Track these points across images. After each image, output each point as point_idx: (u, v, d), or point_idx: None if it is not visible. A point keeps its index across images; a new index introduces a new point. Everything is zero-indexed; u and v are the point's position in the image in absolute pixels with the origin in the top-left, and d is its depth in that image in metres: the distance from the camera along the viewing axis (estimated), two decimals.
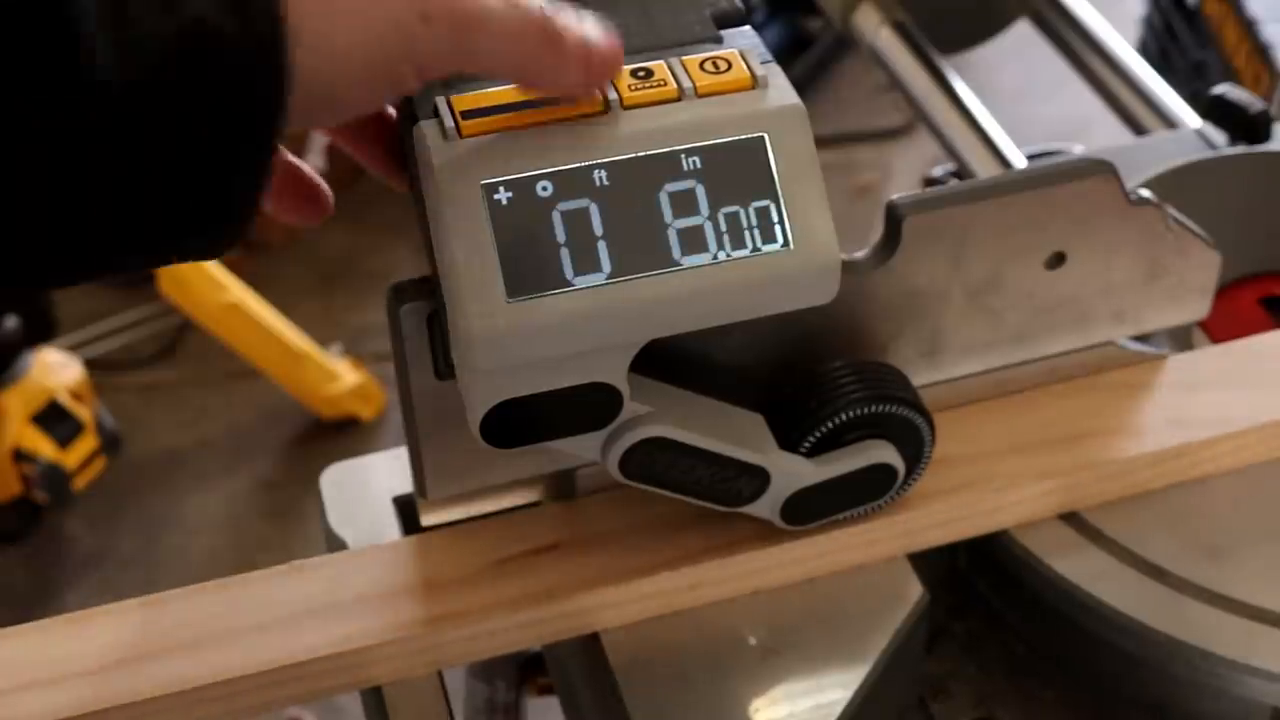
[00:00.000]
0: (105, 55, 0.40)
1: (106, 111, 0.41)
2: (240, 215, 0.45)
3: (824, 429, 0.61)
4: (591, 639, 0.63)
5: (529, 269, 0.50)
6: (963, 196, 0.63)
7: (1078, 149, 0.90)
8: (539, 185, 0.51)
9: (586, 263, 0.51)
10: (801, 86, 0.99)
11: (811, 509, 0.63)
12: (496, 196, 0.50)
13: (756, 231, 0.52)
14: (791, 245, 0.52)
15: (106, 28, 0.40)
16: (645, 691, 0.60)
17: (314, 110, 0.46)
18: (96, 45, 0.40)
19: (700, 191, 0.52)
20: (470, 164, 0.50)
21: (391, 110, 0.56)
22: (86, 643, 0.61)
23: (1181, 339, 0.75)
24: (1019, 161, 0.93)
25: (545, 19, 0.47)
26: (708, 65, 0.53)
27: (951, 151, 0.99)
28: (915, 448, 0.63)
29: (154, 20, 0.41)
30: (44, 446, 1.83)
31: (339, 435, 2.05)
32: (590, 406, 0.56)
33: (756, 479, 0.61)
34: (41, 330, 2.00)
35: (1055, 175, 0.64)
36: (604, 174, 0.51)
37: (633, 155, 0.51)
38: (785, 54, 2.49)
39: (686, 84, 0.52)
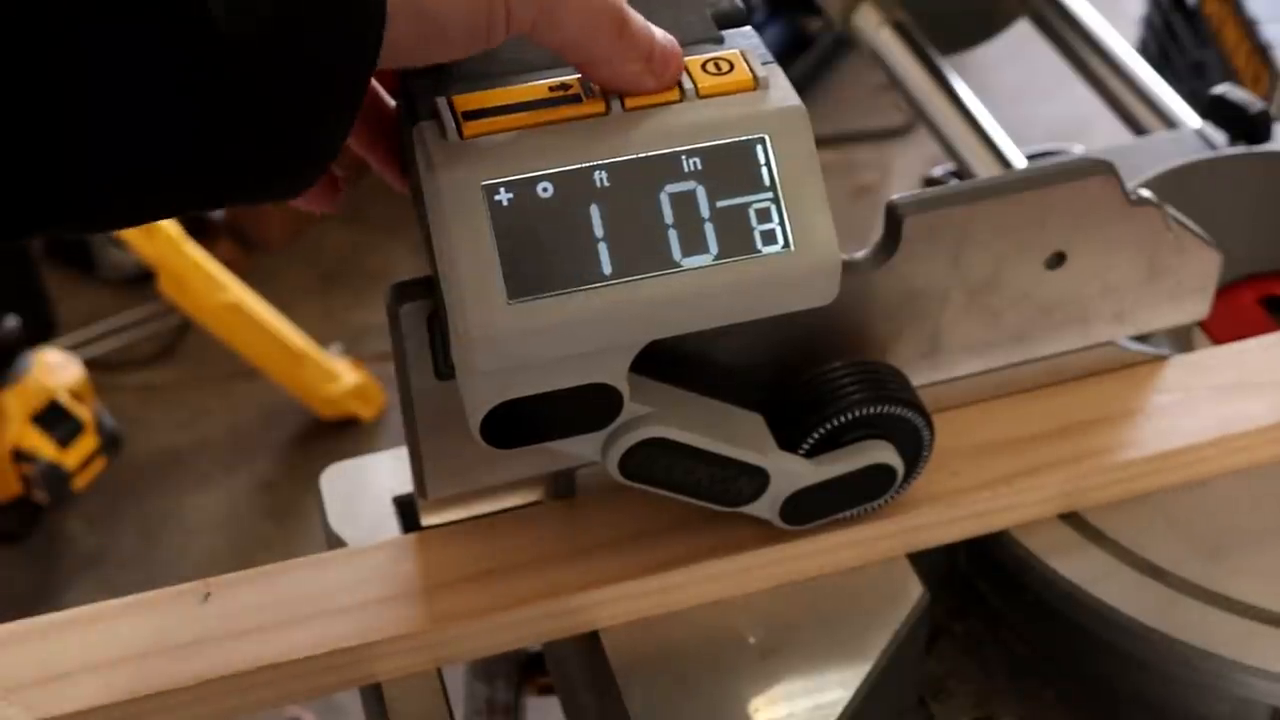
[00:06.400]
0: (218, 7, 0.43)
1: (219, 59, 0.43)
2: (325, 154, 0.47)
3: (824, 429, 0.61)
4: (591, 639, 0.63)
5: (529, 270, 0.50)
6: (963, 196, 0.63)
7: (1078, 149, 0.90)
8: (540, 186, 0.51)
9: (587, 264, 0.51)
10: (801, 86, 0.99)
11: (811, 509, 0.63)
12: (497, 197, 0.50)
13: (757, 232, 0.52)
14: (792, 246, 0.52)
15: None
16: (645, 691, 0.60)
17: (410, 49, 0.48)
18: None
19: (701, 192, 0.52)
20: (471, 164, 0.50)
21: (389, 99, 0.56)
22: (86, 641, 0.61)
23: (1181, 339, 0.75)
24: (1019, 161, 0.93)
25: (620, 7, 0.50)
26: (709, 66, 0.53)
27: (951, 151, 0.99)
28: (915, 448, 0.63)
29: None
30: (44, 446, 1.83)
31: (339, 435, 2.04)
32: (590, 407, 0.56)
33: (756, 479, 0.61)
34: (41, 330, 2.00)
35: (1055, 175, 0.64)
36: (605, 175, 0.51)
37: (634, 156, 0.51)
38: (785, 54, 2.49)
39: (688, 85, 0.52)
